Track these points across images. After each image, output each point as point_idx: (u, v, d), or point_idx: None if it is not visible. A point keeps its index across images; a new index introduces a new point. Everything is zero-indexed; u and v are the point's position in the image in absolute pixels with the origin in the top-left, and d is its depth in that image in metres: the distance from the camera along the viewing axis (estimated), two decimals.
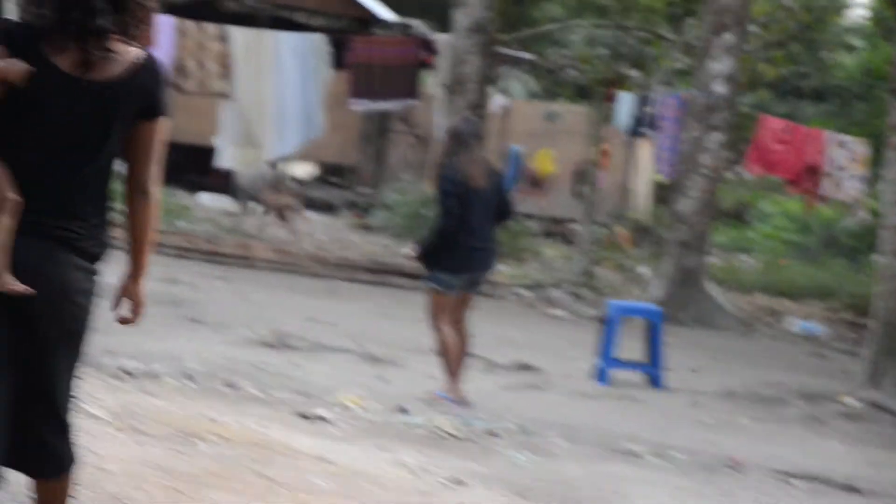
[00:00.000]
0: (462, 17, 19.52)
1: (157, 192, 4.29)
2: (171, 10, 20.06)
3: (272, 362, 10.55)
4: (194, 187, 23.13)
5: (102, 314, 4.37)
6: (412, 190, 20.88)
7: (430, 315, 9.81)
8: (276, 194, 19.65)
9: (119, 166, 4.25)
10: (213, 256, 16.24)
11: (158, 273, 11.93)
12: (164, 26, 18.00)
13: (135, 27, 4.19)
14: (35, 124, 4.07)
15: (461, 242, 9.59)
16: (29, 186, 4.05)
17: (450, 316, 9.74)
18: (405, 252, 10.32)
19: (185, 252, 15.55)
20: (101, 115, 4.11)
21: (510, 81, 24.85)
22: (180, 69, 17.83)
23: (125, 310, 4.38)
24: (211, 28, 18.83)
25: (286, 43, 18.87)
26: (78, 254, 4.16)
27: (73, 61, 4.08)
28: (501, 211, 9.76)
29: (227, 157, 18.66)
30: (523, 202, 21.11)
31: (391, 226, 20.47)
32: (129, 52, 4.15)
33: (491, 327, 13.06)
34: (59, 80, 4.06)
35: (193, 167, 23.18)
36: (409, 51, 19.59)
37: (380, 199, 23.78)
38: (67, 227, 4.14)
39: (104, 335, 9.83)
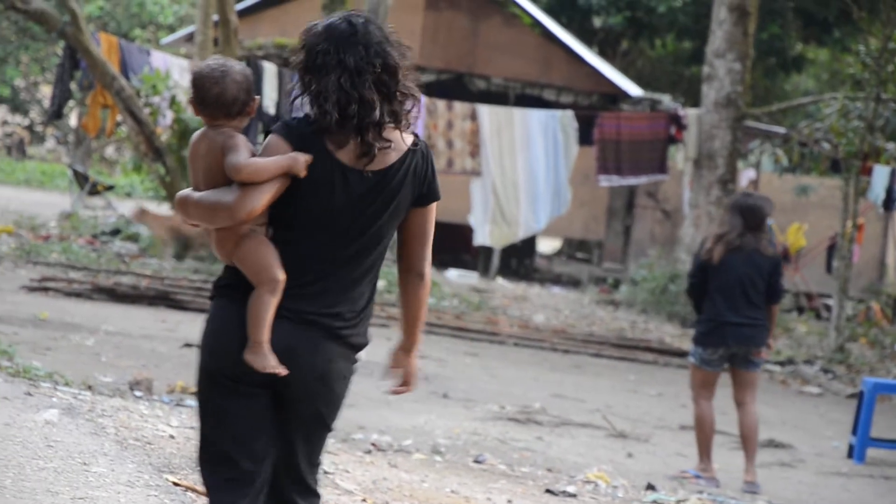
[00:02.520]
0: (711, 92, 19.43)
1: (430, 273, 4.43)
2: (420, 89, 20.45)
3: (519, 437, 10.60)
4: (443, 264, 23.45)
5: (359, 391, 4.50)
6: (659, 265, 20.73)
7: (691, 388, 9.81)
8: None
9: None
10: (461, 332, 16.41)
11: None
12: None
13: (404, 115, 4.32)
14: (312, 213, 4.25)
15: (713, 316, 9.53)
16: (301, 272, 4.24)
17: (710, 392, 9.66)
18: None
19: (434, 328, 15.75)
20: (378, 204, 4.27)
21: (760, 155, 24.52)
22: (430, 148, 18.14)
23: (398, 382, 4.53)
24: (460, 107, 19.16)
25: (535, 120, 19.07)
26: (342, 343, 4.32)
27: (353, 154, 4.25)
28: (771, 291, 9.63)
29: (481, 235, 18.88)
30: None
31: (638, 301, 20.35)
32: (402, 140, 4.31)
33: None
34: (340, 172, 4.24)
35: (444, 245, 23.52)
36: (657, 125, 19.57)
37: (627, 274, 23.70)
38: (336, 315, 4.30)
39: (357, 410, 10.08)
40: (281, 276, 4.20)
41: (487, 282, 22.55)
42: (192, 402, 9.64)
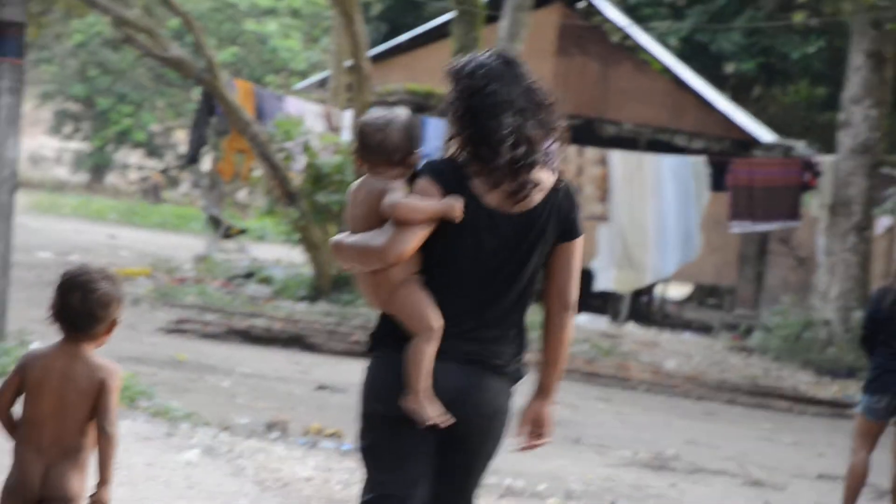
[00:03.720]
0: (847, 138, 19.21)
1: (575, 310, 4.41)
2: None
3: (652, 484, 10.50)
4: None
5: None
6: (794, 312, 20.46)
7: (852, 438, 9.60)
8: None
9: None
10: (592, 377, 16.35)
11: None
12: None
13: (553, 154, 4.36)
14: (461, 257, 4.28)
15: (879, 364, 9.37)
16: (457, 315, 4.27)
17: (870, 442, 9.45)
18: None
19: (565, 372, 15.69)
20: (525, 244, 4.30)
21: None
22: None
23: (530, 434, 4.50)
24: (591, 152, 19.14)
25: (666, 165, 18.99)
26: (504, 379, 4.36)
27: (500, 196, 4.27)
28: None
29: (605, 280, 18.82)
30: None
31: (771, 348, 20.09)
32: (548, 179, 4.32)
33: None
34: (487, 215, 4.26)
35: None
36: (791, 172, 19.38)
37: (758, 320, 23.43)
38: (496, 352, 4.33)
39: None
40: (437, 323, 4.22)
41: (617, 327, 22.42)
42: (328, 443, 9.73)
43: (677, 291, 32.89)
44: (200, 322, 16.14)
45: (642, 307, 25.56)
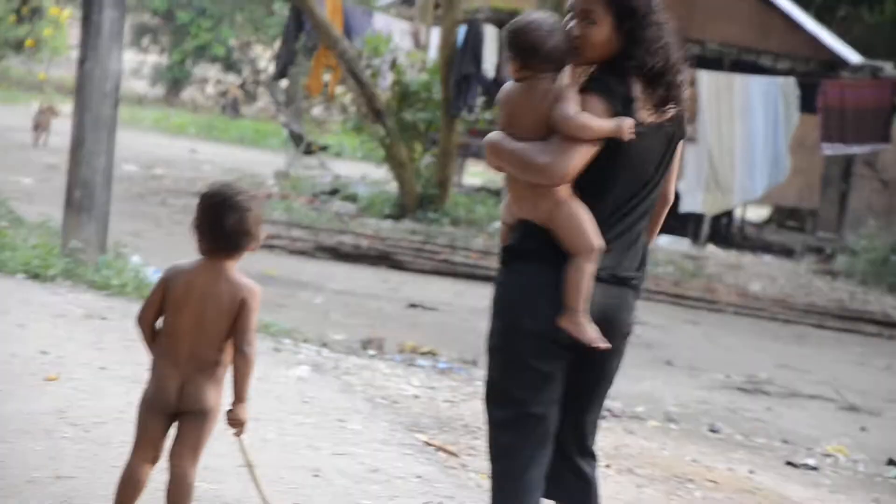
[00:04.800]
0: None
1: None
2: None
3: (748, 407, 10.48)
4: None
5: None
6: (880, 235, 20.24)
7: None
8: None
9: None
10: (679, 299, 16.28)
11: None
12: None
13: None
14: (617, 174, 4.22)
15: None
16: (608, 233, 4.22)
17: None
18: None
19: (652, 294, 15.66)
20: (666, 156, 4.31)
21: None
22: None
23: None
24: None
25: (756, 87, 18.76)
26: (636, 293, 4.37)
27: (654, 112, 4.24)
28: None
29: (692, 201, 18.68)
30: None
31: (856, 271, 19.91)
32: None
33: None
34: (645, 133, 4.21)
35: None
36: (882, 93, 19.09)
37: (841, 243, 23.21)
38: (637, 269, 4.34)
39: None
40: (600, 243, 4.18)
41: (699, 249, 22.30)
42: (424, 362, 9.76)
43: (756, 213, 32.64)
44: (288, 238, 16.21)
45: (722, 229, 25.38)
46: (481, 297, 14.86)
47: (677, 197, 19.55)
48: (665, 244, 22.31)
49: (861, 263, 19.97)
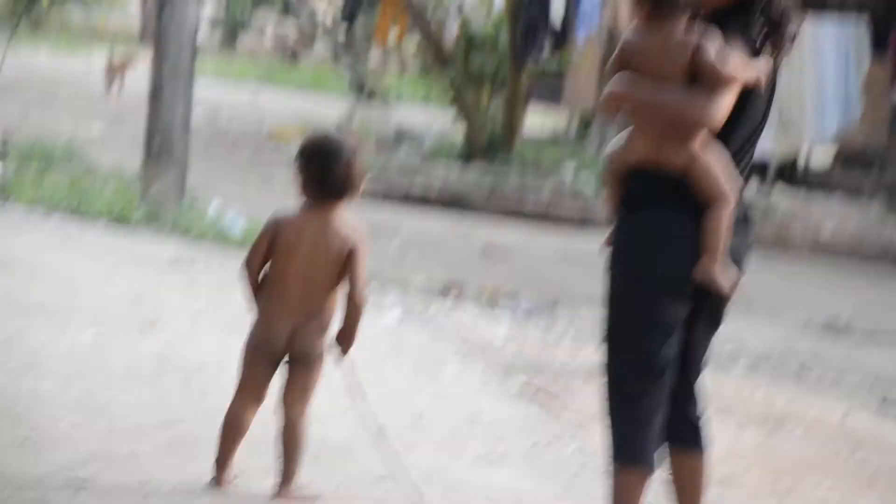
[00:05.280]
0: None
1: None
2: None
3: (833, 348, 10.38)
4: None
5: None
6: None
7: None
8: None
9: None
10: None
11: None
12: None
13: None
14: (747, 118, 4.21)
15: None
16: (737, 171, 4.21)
17: None
18: None
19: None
20: (770, 100, 4.31)
21: None
22: None
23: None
24: None
25: (826, 29, 18.49)
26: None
27: (770, 57, 4.25)
28: None
29: (761, 145, 18.46)
30: None
31: None
32: None
33: None
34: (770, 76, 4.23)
35: None
36: None
37: None
38: (749, 203, 4.29)
39: None
40: (736, 191, 4.15)
41: (765, 191, 22.09)
42: (507, 305, 9.72)
43: (820, 156, 32.32)
44: None
45: (786, 170, 25.13)
46: (554, 240, 14.85)
47: None
48: None
49: None
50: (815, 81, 18.27)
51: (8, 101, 16.91)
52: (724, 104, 4.07)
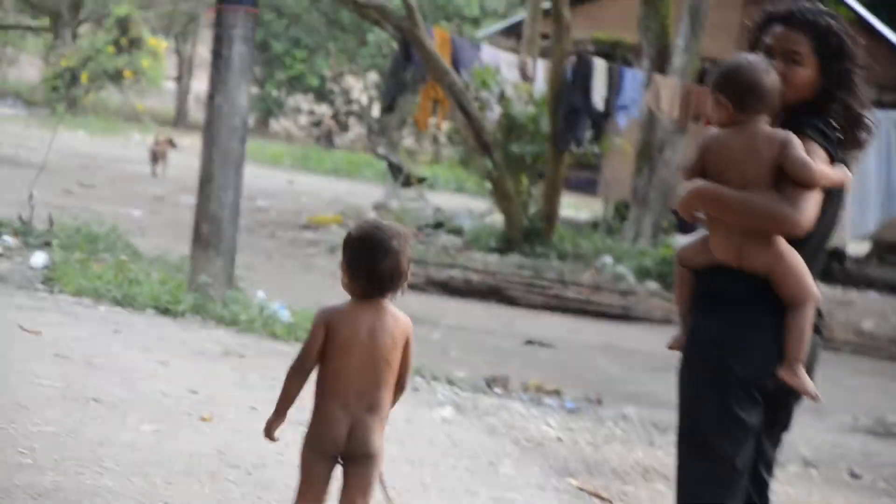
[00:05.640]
0: None
1: None
2: None
3: (882, 451, 10.26)
4: None
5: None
6: None
7: None
8: None
9: None
10: None
11: None
12: None
13: None
14: (823, 219, 4.13)
15: None
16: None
17: None
18: None
19: None
20: (843, 197, 4.28)
21: None
22: None
23: None
24: None
25: None
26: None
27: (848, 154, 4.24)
28: None
29: None
30: None
31: None
32: None
33: None
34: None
35: None
36: None
37: None
38: (819, 315, 4.25)
39: None
40: (819, 292, 4.11)
41: None
42: (551, 401, 9.65)
43: (856, 248, 32.23)
44: None
45: (825, 265, 25.04)
46: (596, 333, 14.78)
47: None
48: None
49: None
50: (857, 175, 18.19)
51: (50, 183, 16.98)
52: (813, 205, 4.01)
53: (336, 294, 4.38)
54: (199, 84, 40.72)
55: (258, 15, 10.49)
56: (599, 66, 18.39)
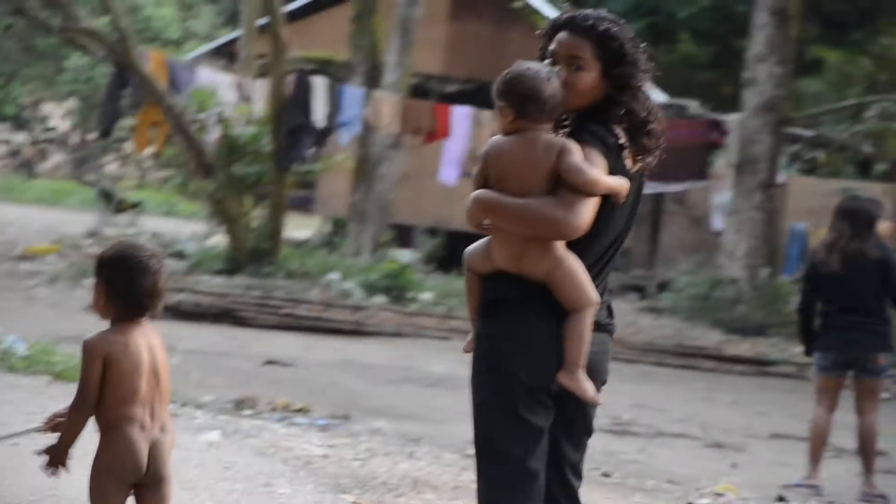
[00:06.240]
0: (752, 96, 19.45)
1: None
2: (457, 99, 20.47)
3: (622, 449, 10.54)
4: None
5: (448, 405, 4.48)
6: (700, 272, 20.75)
7: (814, 393, 9.69)
8: None
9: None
10: None
11: None
12: (461, 117, 18.44)
13: None
14: (608, 227, 4.20)
15: (829, 323, 9.49)
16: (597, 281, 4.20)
17: (829, 398, 9.55)
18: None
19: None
20: (636, 205, 4.34)
21: (790, 160, 24.54)
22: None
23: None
24: (487, 115, 19.15)
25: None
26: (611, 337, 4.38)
27: (633, 160, 4.26)
28: (891, 291, 9.49)
29: None
30: None
31: (681, 308, 20.32)
32: None
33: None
34: (634, 183, 4.25)
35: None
36: (699, 132, 19.61)
37: (654, 280, 23.71)
38: (609, 316, 4.33)
39: (455, 425, 10.03)
40: (598, 297, 4.15)
41: None
42: (301, 419, 9.62)
43: None
44: None
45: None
46: (332, 349, 14.78)
47: None
48: None
49: (684, 300, 20.36)
50: None
51: None
52: (588, 210, 4.06)
53: (67, 325, 4.28)
54: None
55: None
56: (319, 83, 18.44)
